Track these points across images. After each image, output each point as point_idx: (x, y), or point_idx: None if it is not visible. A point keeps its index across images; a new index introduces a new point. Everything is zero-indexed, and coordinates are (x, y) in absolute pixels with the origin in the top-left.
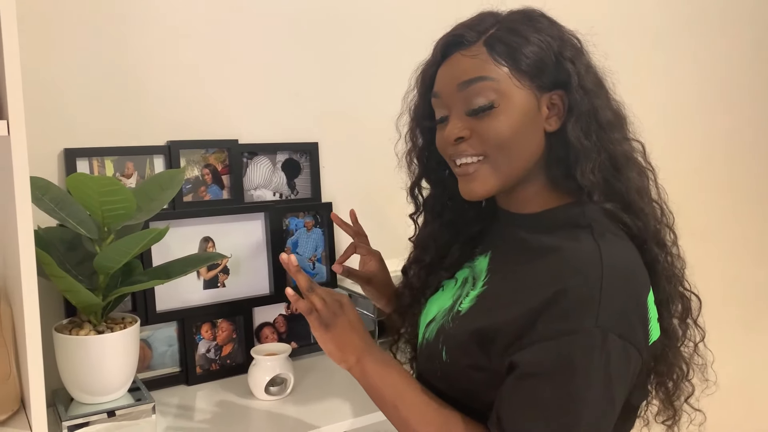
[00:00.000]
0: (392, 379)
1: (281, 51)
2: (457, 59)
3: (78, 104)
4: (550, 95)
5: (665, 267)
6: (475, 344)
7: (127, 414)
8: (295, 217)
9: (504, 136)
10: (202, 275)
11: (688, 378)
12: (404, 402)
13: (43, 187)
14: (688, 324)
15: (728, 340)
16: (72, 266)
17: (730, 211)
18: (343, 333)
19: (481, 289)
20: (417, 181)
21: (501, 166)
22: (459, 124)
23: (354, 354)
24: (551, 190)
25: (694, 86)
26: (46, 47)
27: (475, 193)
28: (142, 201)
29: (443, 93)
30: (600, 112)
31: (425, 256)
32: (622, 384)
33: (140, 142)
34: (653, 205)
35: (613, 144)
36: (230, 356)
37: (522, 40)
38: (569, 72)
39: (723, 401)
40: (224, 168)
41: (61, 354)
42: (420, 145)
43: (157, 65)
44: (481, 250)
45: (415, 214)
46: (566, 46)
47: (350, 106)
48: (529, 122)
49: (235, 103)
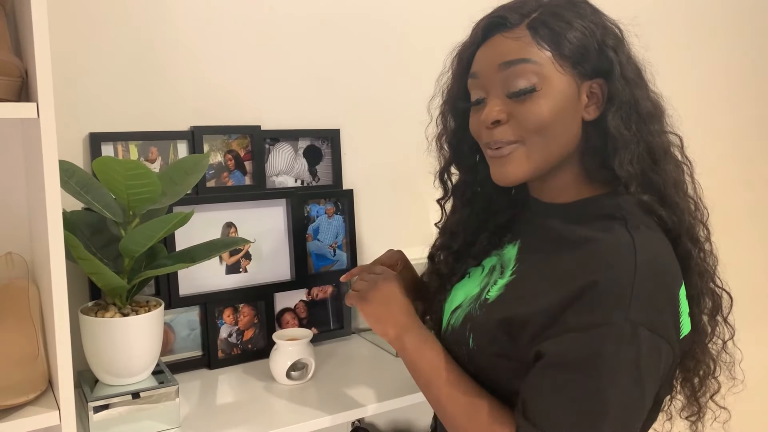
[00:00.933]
0: (428, 357)
1: (304, 37)
2: (499, 41)
3: (103, 89)
4: (590, 83)
5: (698, 263)
6: (502, 332)
7: (151, 396)
8: (317, 204)
9: (544, 120)
10: (225, 260)
11: (715, 375)
12: (437, 380)
13: (69, 171)
14: (717, 321)
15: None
16: (97, 249)
17: (763, 207)
18: (380, 305)
19: (510, 277)
20: (447, 166)
21: (536, 151)
22: (497, 107)
23: (394, 328)
24: (585, 181)
25: (722, 78)
26: (73, 32)
27: (507, 177)
28: (167, 185)
29: (482, 73)
30: (640, 103)
31: (453, 243)
32: (653, 378)
33: (164, 127)
34: (688, 199)
35: (652, 136)
36: (252, 341)
37: (566, 25)
38: (612, 60)
39: (749, 400)
40: (247, 154)
41: (86, 336)
42: (452, 129)
43: (182, 51)
44: (510, 238)
45: (443, 199)
46: (609, 35)
47: (372, 93)
48: (569, 109)
49: (258, 89)
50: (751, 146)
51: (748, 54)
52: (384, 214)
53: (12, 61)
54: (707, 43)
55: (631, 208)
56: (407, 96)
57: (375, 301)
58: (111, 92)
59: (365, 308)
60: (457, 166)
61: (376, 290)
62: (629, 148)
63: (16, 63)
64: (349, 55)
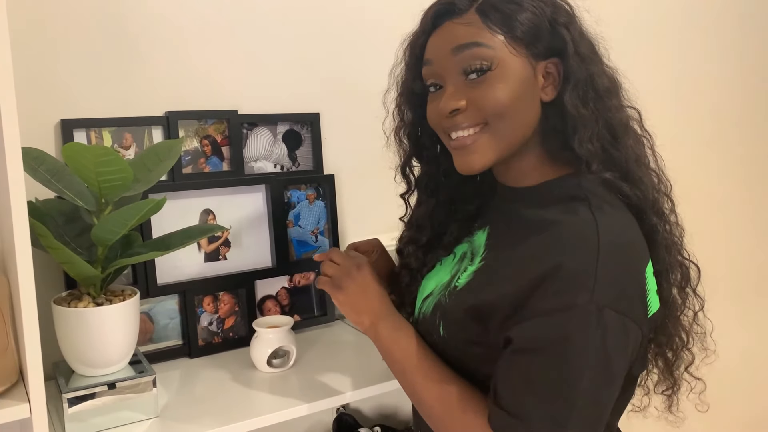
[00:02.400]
0: (403, 345)
1: (282, 20)
2: (450, 27)
3: (75, 75)
4: (545, 63)
5: (664, 236)
6: (471, 319)
7: (128, 386)
8: (297, 190)
9: (502, 103)
10: (204, 248)
11: (688, 347)
12: (412, 367)
13: (38, 158)
14: (687, 293)
15: (729, 310)
16: (71, 238)
17: (740, 180)
18: (355, 295)
19: (479, 264)
20: (408, 159)
21: (498, 136)
22: (455, 95)
23: (368, 316)
24: (548, 162)
25: (707, 56)
26: (44, 16)
27: (472, 166)
28: (140, 172)
29: (436, 60)
30: (596, 79)
31: (421, 236)
32: (622, 359)
33: (138, 112)
34: (651, 173)
35: (611, 111)
36: (232, 329)
37: (515, 7)
38: (564, 39)
39: (723, 371)
40: (224, 139)
41: (60, 326)
42: (409, 121)
43: (156, 34)
44: (480, 224)
45: (406, 193)
46: (560, 12)
47: (352, 77)
48: (527, 91)
49: (235, 73)
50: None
51: (734, 33)
52: (366, 199)
53: None
54: (692, 22)
55: (594, 187)
56: (387, 79)
57: (350, 290)
58: (83, 78)
59: (339, 296)
60: (418, 159)
61: (350, 278)
62: (588, 126)
63: None
64: (328, 38)
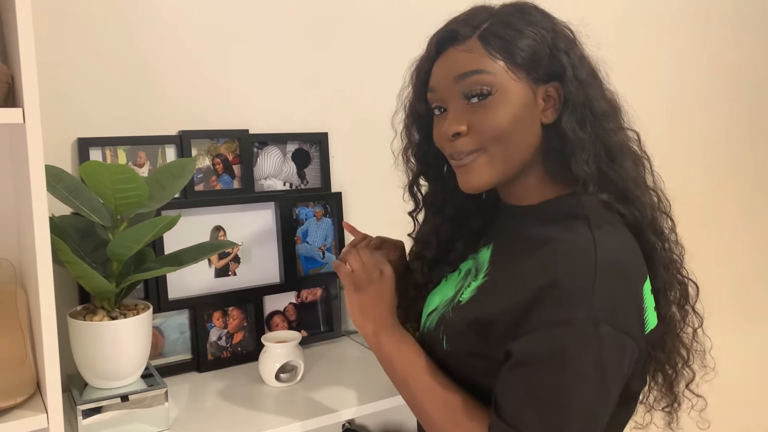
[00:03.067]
0: (405, 355)
1: (291, 41)
2: (453, 54)
3: (91, 94)
4: (545, 87)
5: (663, 255)
6: (473, 333)
7: (140, 399)
8: (305, 207)
9: (502, 127)
10: (214, 264)
11: (689, 364)
12: (414, 378)
13: (57, 176)
14: (686, 310)
15: (727, 327)
16: (86, 254)
17: (732, 197)
18: (370, 300)
19: (482, 280)
20: (415, 178)
21: (498, 158)
22: (457, 119)
23: (373, 324)
24: (549, 182)
25: (698, 73)
26: (60, 37)
27: (473, 185)
28: (154, 189)
29: (439, 87)
30: (594, 103)
31: (427, 252)
32: (618, 374)
33: (152, 131)
34: (649, 193)
35: (608, 134)
36: (241, 344)
37: (516, 34)
38: (563, 64)
39: (722, 387)
40: (235, 158)
41: (75, 339)
42: (416, 142)
43: (169, 56)
44: (485, 242)
45: (414, 211)
46: (560, 38)
47: (360, 96)
48: (527, 114)
49: (246, 93)
50: (722, 136)
51: (726, 47)
52: (372, 216)
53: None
54: (683, 35)
55: (593, 206)
56: (394, 99)
57: (367, 293)
58: (99, 97)
59: (354, 296)
60: (425, 178)
61: (371, 284)
62: (585, 148)
63: (3, 69)
64: (337, 59)
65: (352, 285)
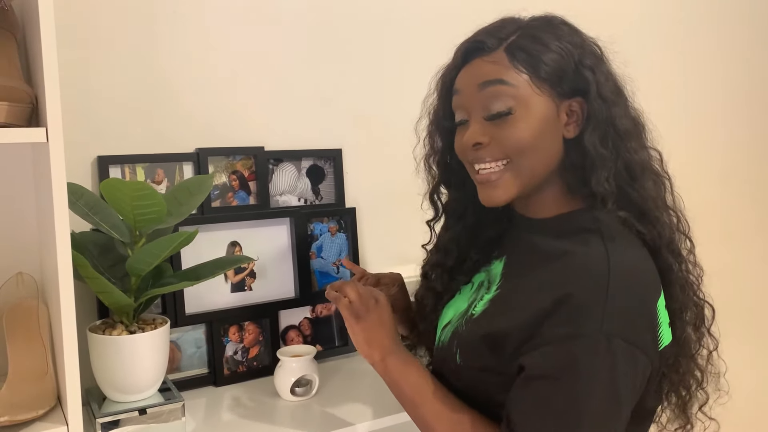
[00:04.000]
0: (412, 378)
1: (307, 59)
2: (478, 64)
3: (111, 113)
4: (569, 102)
5: (679, 276)
6: (486, 347)
7: (157, 412)
8: (320, 222)
9: (523, 142)
10: (230, 279)
11: (702, 386)
12: (422, 400)
13: (77, 193)
14: (702, 332)
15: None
16: (105, 269)
17: (751, 218)
18: (372, 328)
19: (495, 293)
20: (436, 186)
21: (522, 172)
22: (479, 129)
23: (379, 351)
24: (567, 196)
25: (716, 90)
26: (82, 59)
27: (494, 200)
28: (172, 206)
29: (463, 91)
30: (618, 121)
31: (447, 260)
32: (630, 389)
33: (170, 149)
34: (669, 213)
35: (630, 153)
36: (257, 358)
37: (542, 48)
38: (588, 80)
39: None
40: (251, 174)
41: (94, 353)
42: (439, 149)
43: (186, 75)
44: (498, 254)
45: (433, 220)
46: (587, 54)
47: (373, 113)
48: (549, 129)
49: (261, 111)
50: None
51: (742, 63)
52: (386, 231)
53: (23, 88)
54: (699, 51)
55: (609, 221)
56: (408, 115)
57: (367, 321)
58: (118, 116)
59: (356, 325)
60: (446, 185)
61: (369, 312)
62: (606, 166)
63: (27, 90)
64: (351, 76)
65: (352, 315)
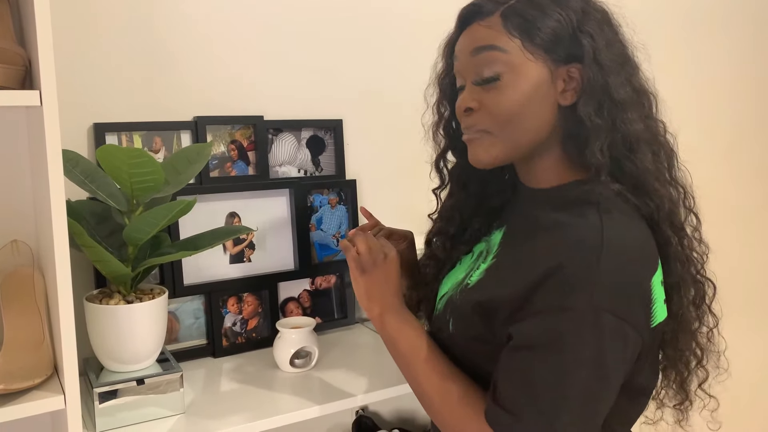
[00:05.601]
0: (408, 337)
1: (307, 28)
2: (475, 28)
3: (108, 80)
4: (567, 68)
5: (678, 251)
6: (477, 316)
7: (156, 383)
8: (320, 194)
9: (510, 110)
10: (229, 250)
11: (702, 364)
12: (415, 360)
13: (73, 160)
14: (703, 310)
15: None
16: (102, 238)
17: (757, 194)
18: (376, 283)
19: (491, 262)
20: (443, 153)
21: (503, 138)
22: (469, 95)
23: (379, 306)
24: (567, 166)
25: (726, 69)
26: (78, 23)
27: (479, 160)
28: (170, 174)
29: (460, 58)
30: (615, 90)
31: (450, 228)
32: (619, 364)
33: (168, 117)
34: (669, 186)
35: (627, 123)
36: (256, 330)
37: (538, 13)
38: (584, 46)
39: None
40: (250, 144)
41: (91, 323)
42: (446, 117)
43: (186, 42)
44: (498, 224)
45: (439, 188)
46: (588, 20)
47: (375, 83)
48: (540, 96)
49: (261, 80)
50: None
51: (754, 44)
52: (386, 203)
53: (15, 50)
54: (708, 37)
55: (608, 193)
56: (409, 85)
57: (372, 275)
58: (115, 83)
59: (361, 279)
60: (453, 152)
61: (376, 267)
62: (600, 136)
63: (20, 52)
64: (352, 46)
65: (358, 268)
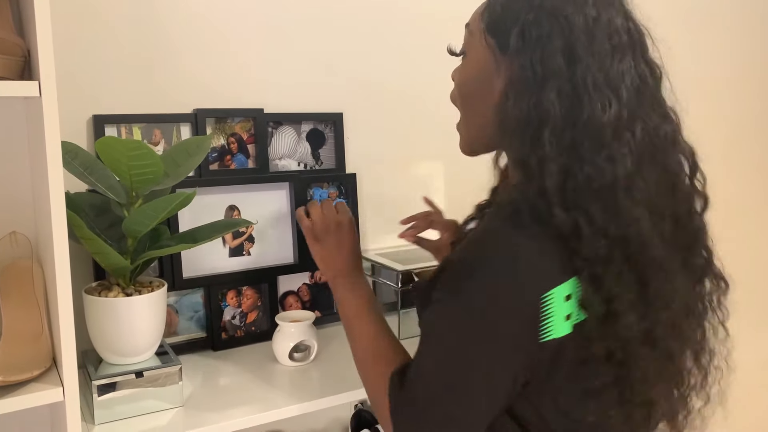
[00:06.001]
0: (355, 302)
1: (308, 21)
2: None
3: (107, 72)
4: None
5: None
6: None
7: (154, 375)
8: (320, 188)
9: (460, 84)
10: (228, 243)
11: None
12: (358, 324)
13: (72, 152)
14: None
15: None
16: (101, 230)
17: (758, 187)
18: (329, 249)
19: None
20: None
21: (465, 120)
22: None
23: (332, 271)
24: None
25: (725, 65)
26: (78, 15)
27: (461, 147)
28: (170, 167)
29: None
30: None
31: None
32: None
33: (167, 109)
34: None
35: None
36: (255, 323)
37: (506, 3)
38: (526, 40)
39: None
40: (250, 137)
41: (90, 315)
42: None
43: (185, 34)
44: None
45: None
46: (545, 18)
47: (376, 77)
48: (484, 80)
49: (261, 73)
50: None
51: (752, 39)
52: (387, 197)
53: (14, 40)
54: (709, 29)
55: (528, 199)
56: (410, 79)
57: (325, 243)
58: (115, 74)
59: (314, 246)
60: None
61: (329, 235)
62: (516, 134)
63: (19, 42)
64: (353, 39)
65: (311, 236)
